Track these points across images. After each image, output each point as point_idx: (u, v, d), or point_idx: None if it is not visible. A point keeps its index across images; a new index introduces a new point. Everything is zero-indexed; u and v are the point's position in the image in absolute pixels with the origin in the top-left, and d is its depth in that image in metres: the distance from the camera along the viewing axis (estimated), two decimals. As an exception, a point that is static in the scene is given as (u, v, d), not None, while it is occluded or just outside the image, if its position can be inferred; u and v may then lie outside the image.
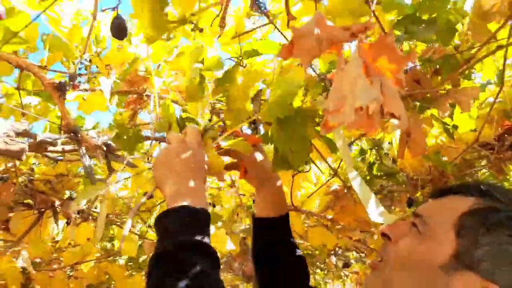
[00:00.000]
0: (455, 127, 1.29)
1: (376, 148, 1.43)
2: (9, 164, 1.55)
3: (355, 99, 0.53)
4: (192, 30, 0.73)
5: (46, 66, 0.99)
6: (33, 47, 1.07)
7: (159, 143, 1.54)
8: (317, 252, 3.37)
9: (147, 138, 1.29)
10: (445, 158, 1.37)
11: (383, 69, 0.62)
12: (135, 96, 1.29)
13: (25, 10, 1.00)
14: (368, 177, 1.49)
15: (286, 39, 0.80)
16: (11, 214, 1.64)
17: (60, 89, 0.98)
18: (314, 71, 0.92)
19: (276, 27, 0.79)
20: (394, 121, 0.61)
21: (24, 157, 0.94)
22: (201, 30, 0.74)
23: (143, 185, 1.51)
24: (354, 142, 1.34)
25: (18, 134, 0.98)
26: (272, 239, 0.90)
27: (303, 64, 0.64)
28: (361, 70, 0.58)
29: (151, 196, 1.53)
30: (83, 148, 1.01)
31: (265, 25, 0.85)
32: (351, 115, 0.52)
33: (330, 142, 1.20)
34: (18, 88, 1.30)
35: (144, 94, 1.29)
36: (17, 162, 1.54)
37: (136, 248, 1.88)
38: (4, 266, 2.10)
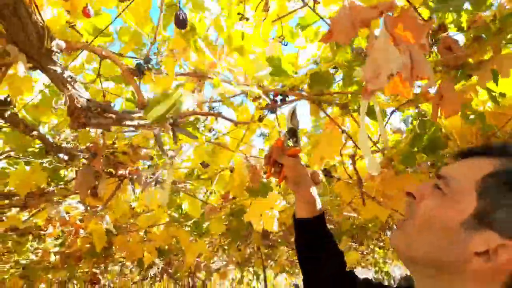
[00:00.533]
0: (502, 94, 1.30)
1: (420, 118, 1.48)
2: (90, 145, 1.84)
3: (389, 67, 0.64)
4: (240, 19, 0.86)
5: (122, 54, 1.19)
6: (110, 38, 1.29)
7: (216, 118, 1.73)
8: (370, 225, 3.44)
9: (207, 114, 1.47)
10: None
11: (408, 37, 0.71)
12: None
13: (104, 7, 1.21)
14: (413, 149, 1.54)
15: (322, 19, 0.91)
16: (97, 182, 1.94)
17: (138, 71, 1.18)
18: (351, 47, 1.02)
19: (311, 8, 0.90)
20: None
21: (111, 129, 1.17)
22: (247, 19, 0.87)
23: (203, 156, 1.71)
24: (396, 110, 1.41)
25: (104, 111, 1.20)
26: (310, 241, 1.02)
27: (342, 44, 0.76)
28: (389, 42, 0.68)
29: (207, 165, 1.73)
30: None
31: (301, 7, 0.96)
32: (386, 81, 0.63)
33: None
34: (98, 75, 1.55)
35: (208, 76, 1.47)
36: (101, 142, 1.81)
37: (199, 211, 2.12)
38: (92, 227, 2.48)
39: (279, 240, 5.11)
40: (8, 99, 1.23)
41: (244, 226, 3.08)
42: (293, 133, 1.03)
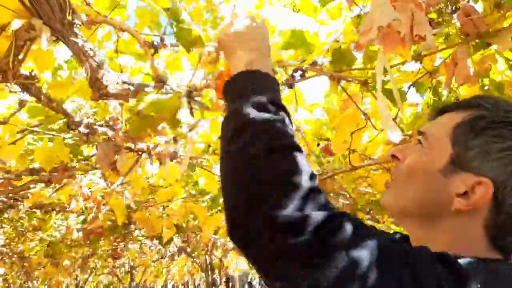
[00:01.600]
0: (517, 61, 1.30)
1: (433, 88, 1.48)
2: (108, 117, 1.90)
3: (381, 20, 0.66)
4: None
5: (137, 30, 1.23)
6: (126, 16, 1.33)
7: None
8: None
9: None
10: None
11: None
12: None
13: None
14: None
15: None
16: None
17: (153, 47, 1.22)
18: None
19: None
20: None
21: (129, 100, 1.22)
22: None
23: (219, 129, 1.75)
24: (412, 86, 1.41)
25: (123, 83, 1.25)
26: None
27: (348, 2, 0.78)
28: (387, -1, 0.70)
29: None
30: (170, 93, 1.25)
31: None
32: (375, 33, 0.65)
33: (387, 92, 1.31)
34: (116, 51, 1.59)
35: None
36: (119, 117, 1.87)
37: (216, 187, 2.18)
38: (113, 202, 2.57)
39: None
40: (33, 73, 1.29)
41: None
42: None
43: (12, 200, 3.04)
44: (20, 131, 1.76)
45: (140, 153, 2.01)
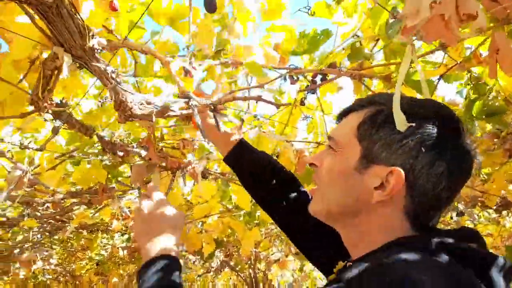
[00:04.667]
0: None
1: (473, 83, 1.37)
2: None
3: None
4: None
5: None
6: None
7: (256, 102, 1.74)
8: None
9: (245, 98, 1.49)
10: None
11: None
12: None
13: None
14: (467, 117, 1.43)
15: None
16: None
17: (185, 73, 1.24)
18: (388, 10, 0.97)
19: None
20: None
21: (154, 119, 1.22)
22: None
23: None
24: (442, 76, 1.31)
25: (148, 103, 1.26)
26: (253, 169, 1.07)
27: None
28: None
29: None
30: (195, 108, 1.24)
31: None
32: (427, 11, 0.58)
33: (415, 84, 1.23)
34: (134, 75, 1.61)
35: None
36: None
37: (248, 203, 2.16)
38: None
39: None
40: (64, 100, 1.33)
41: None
42: None
43: (59, 222, 3.18)
44: (58, 156, 1.83)
45: (173, 171, 2.02)
